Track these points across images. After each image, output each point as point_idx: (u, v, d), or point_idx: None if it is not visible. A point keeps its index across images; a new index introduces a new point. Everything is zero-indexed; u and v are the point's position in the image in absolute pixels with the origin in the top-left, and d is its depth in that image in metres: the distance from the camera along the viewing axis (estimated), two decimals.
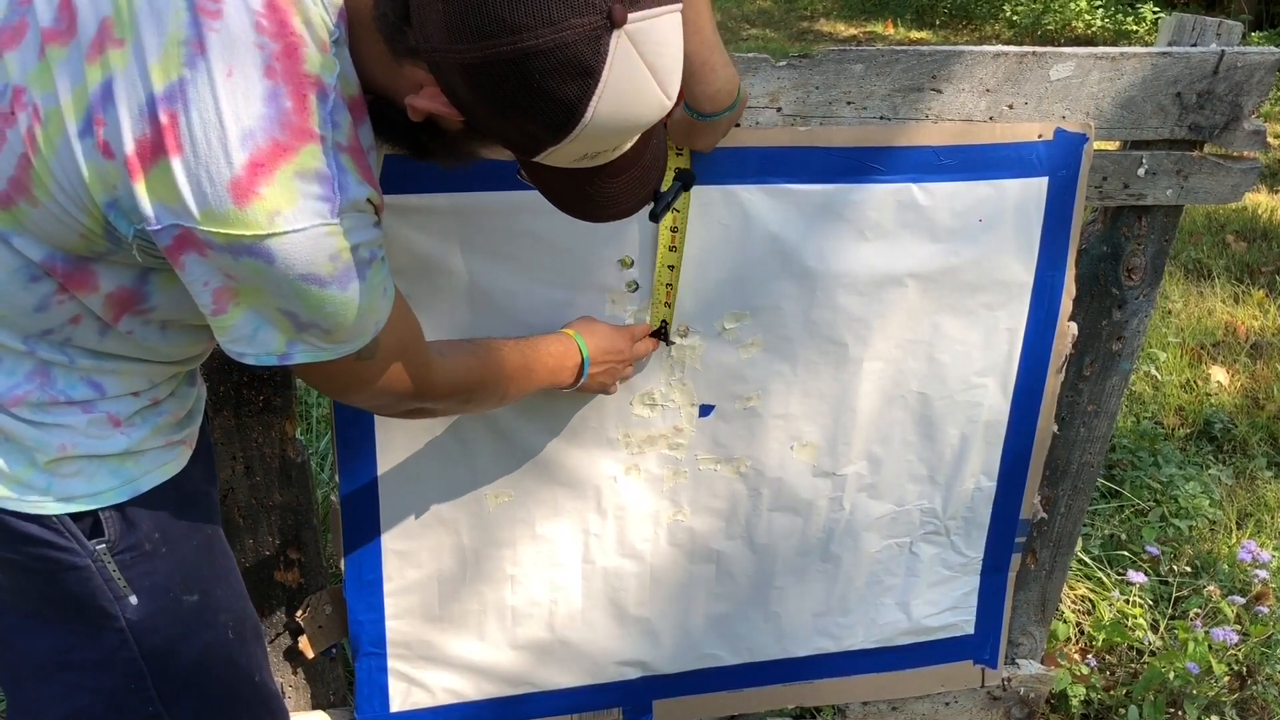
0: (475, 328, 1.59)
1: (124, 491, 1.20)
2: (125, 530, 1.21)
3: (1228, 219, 5.25)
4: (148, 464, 1.23)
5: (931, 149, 1.63)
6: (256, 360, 1.08)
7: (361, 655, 1.78)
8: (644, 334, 1.62)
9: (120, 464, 1.20)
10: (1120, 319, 1.87)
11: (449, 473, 1.68)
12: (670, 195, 1.30)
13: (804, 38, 9.91)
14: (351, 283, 1.05)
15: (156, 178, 0.97)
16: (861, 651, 2.00)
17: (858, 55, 1.57)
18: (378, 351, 1.15)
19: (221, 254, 0.99)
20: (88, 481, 1.18)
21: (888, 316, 1.72)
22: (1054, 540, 2.05)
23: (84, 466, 1.17)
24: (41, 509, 1.15)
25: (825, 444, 1.80)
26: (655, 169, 1.17)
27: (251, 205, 0.97)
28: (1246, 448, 3.40)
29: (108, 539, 1.19)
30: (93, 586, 1.20)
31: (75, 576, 1.19)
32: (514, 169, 1.18)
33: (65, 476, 1.16)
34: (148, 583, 1.23)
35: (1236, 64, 1.67)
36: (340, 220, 1.02)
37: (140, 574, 1.22)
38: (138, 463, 1.21)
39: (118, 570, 1.20)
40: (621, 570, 1.82)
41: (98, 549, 1.19)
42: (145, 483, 1.22)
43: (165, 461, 1.25)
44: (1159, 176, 1.74)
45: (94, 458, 1.18)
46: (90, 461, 1.18)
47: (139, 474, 1.22)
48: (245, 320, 1.06)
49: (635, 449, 1.74)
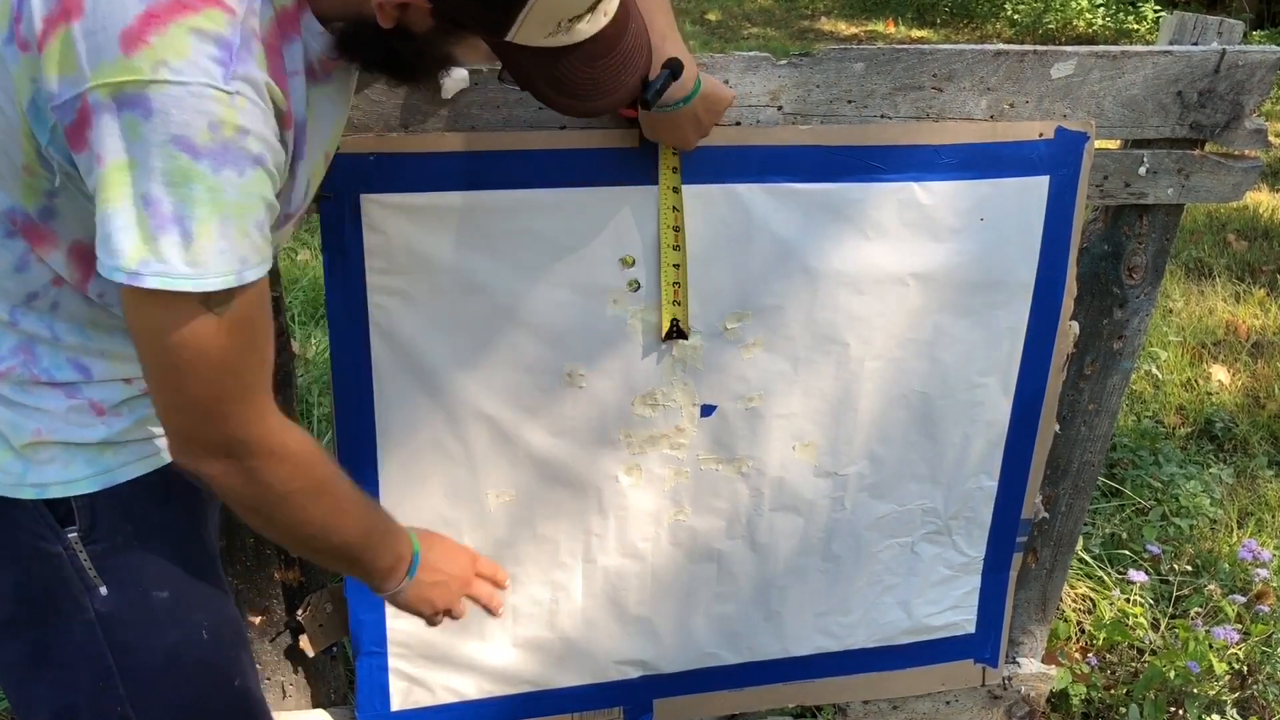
0: (478, 327, 1.59)
1: (98, 481, 1.18)
2: (97, 520, 1.18)
3: (1229, 218, 5.25)
4: (127, 455, 1.20)
5: (933, 148, 1.63)
6: (108, 274, 0.96)
7: (362, 654, 1.78)
8: (490, 570, 1.44)
9: (98, 453, 1.18)
10: (1121, 318, 1.87)
11: (450, 472, 1.68)
12: (659, 83, 1.27)
13: (805, 36, 9.91)
14: (226, 168, 0.96)
15: (58, 47, 0.93)
16: (862, 650, 2.00)
17: (859, 54, 1.57)
18: (228, 310, 1.02)
19: (104, 116, 0.93)
20: (62, 468, 1.16)
21: (889, 316, 1.72)
22: (1055, 539, 2.05)
23: (58, 454, 1.15)
24: (16, 494, 1.14)
25: (827, 444, 1.80)
26: (637, 55, 1.12)
27: (138, 52, 0.92)
28: (1247, 447, 3.40)
29: (79, 528, 1.17)
30: (64, 575, 1.18)
31: (47, 564, 1.17)
32: (515, 166, 1.18)
33: (40, 463, 1.15)
34: (118, 575, 1.21)
35: (1238, 63, 1.67)
36: (231, 90, 0.95)
37: (112, 566, 1.20)
38: (116, 453, 1.19)
39: (89, 560, 1.18)
40: (623, 570, 1.82)
41: (70, 537, 1.17)
42: (122, 474, 1.20)
43: (147, 454, 1.22)
44: (1160, 175, 1.74)
45: (70, 445, 1.16)
46: (66, 449, 1.16)
47: (116, 464, 1.19)
48: (108, 210, 0.95)
49: (637, 449, 1.74)
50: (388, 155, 1.46)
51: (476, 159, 1.49)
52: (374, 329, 1.57)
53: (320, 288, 3.59)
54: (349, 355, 1.58)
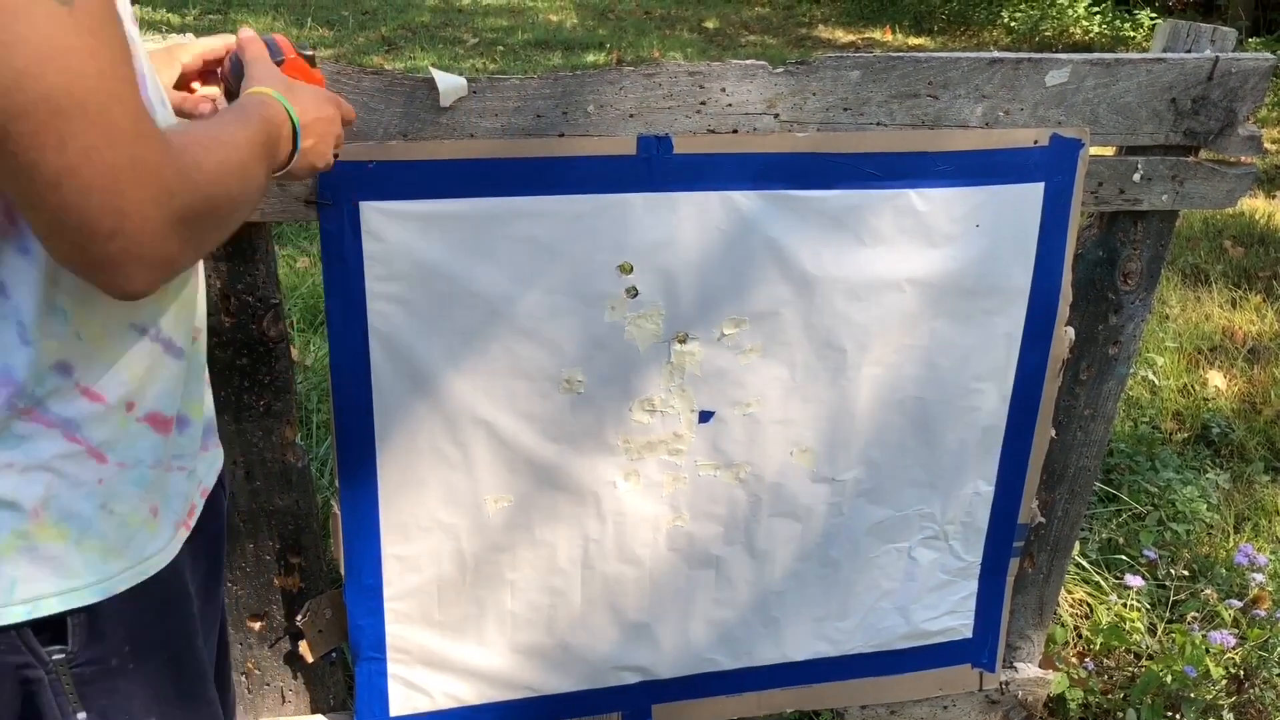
0: (476, 333, 1.59)
1: (100, 589, 0.99)
2: (91, 640, 1.00)
3: (1225, 224, 5.26)
4: (130, 556, 1.02)
5: (929, 155, 1.64)
6: None
7: (361, 659, 1.79)
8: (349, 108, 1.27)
9: (102, 557, 0.99)
10: (1116, 323, 1.88)
11: (449, 478, 1.69)
12: None
13: (802, 44, 9.93)
14: None
15: None
16: (860, 655, 2.01)
17: (855, 62, 1.58)
18: None
19: None
20: (61, 575, 0.95)
21: (886, 322, 1.73)
22: (1051, 544, 2.06)
23: (57, 550, 0.95)
24: (3, 618, 0.93)
25: (824, 449, 1.81)
26: None
27: None
28: (1244, 452, 3.40)
29: (69, 649, 0.98)
30: (40, 702, 1.00)
31: (22, 690, 0.99)
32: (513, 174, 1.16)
33: (35, 564, 0.94)
34: (103, 703, 1.03)
35: (1231, 70, 1.68)
36: None
37: (97, 692, 1.02)
38: (120, 554, 1.01)
39: (72, 686, 1.00)
40: (621, 575, 1.83)
41: (55, 659, 0.98)
42: (123, 580, 1.01)
43: (149, 554, 1.04)
44: (1154, 182, 1.75)
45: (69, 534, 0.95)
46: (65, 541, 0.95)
47: (118, 570, 1.01)
48: None
49: (635, 454, 1.74)
50: (387, 163, 1.47)
51: (475, 166, 1.50)
52: (373, 336, 1.57)
53: (319, 295, 3.60)
54: (348, 362, 1.59)
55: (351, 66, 1.44)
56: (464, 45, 8.80)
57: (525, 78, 1.49)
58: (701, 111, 1.55)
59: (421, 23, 9.70)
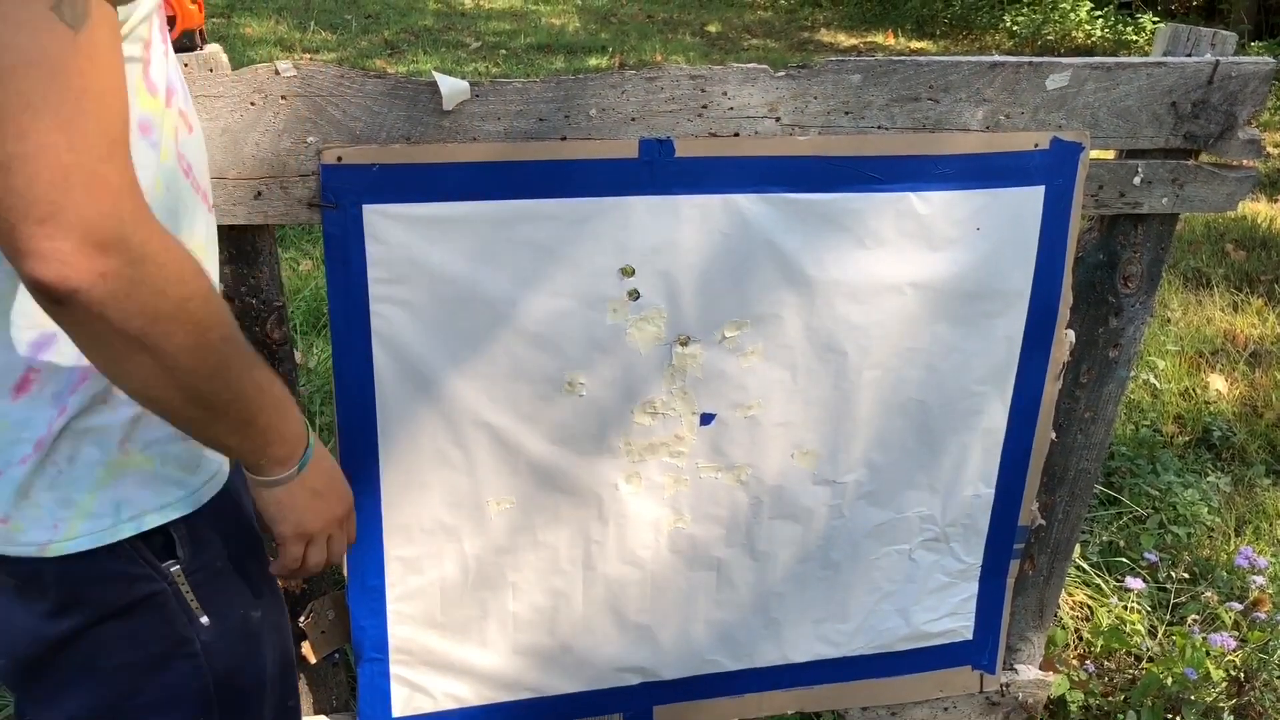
0: (479, 336, 1.60)
1: (190, 501, 1.11)
2: (196, 547, 1.11)
3: (1227, 228, 5.27)
4: (204, 473, 1.13)
5: (930, 158, 1.64)
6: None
7: (364, 660, 1.79)
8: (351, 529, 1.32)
9: (183, 472, 1.10)
10: (1117, 326, 1.88)
11: (451, 480, 1.69)
12: None
13: (805, 48, 9.95)
14: None
15: None
16: (861, 657, 2.01)
17: (855, 65, 1.59)
18: (82, 23, 0.79)
19: None
20: (154, 492, 1.08)
21: (887, 325, 1.74)
22: (1052, 546, 2.07)
23: (148, 474, 1.07)
24: (113, 537, 1.05)
25: (825, 452, 1.81)
26: None
27: None
28: (1245, 455, 3.41)
29: (181, 558, 1.10)
30: (169, 613, 1.11)
31: (150, 605, 1.10)
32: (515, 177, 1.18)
33: (131, 488, 1.06)
34: (218, 602, 1.15)
35: (1231, 74, 1.69)
36: None
37: (212, 593, 1.14)
38: (196, 469, 1.12)
39: (191, 592, 1.11)
40: (623, 577, 1.83)
41: (172, 571, 1.09)
42: (206, 492, 1.13)
43: (215, 469, 1.16)
44: (1154, 185, 1.76)
45: (155, 456, 1.07)
46: (154, 464, 1.07)
47: (199, 483, 1.13)
48: None
49: (636, 457, 1.75)
50: (390, 166, 1.48)
51: (477, 170, 1.51)
52: (376, 338, 1.58)
53: (322, 298, 3.61)
54: (351, 364, 1.59)
55: (355, 70, 1.45)
56: (467, 49, 8.81)
57: (527, 81, 1.50)
58: (703, 115, 1.56)
59: (424, 26, 9.72)
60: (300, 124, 1.44)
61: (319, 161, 1.46)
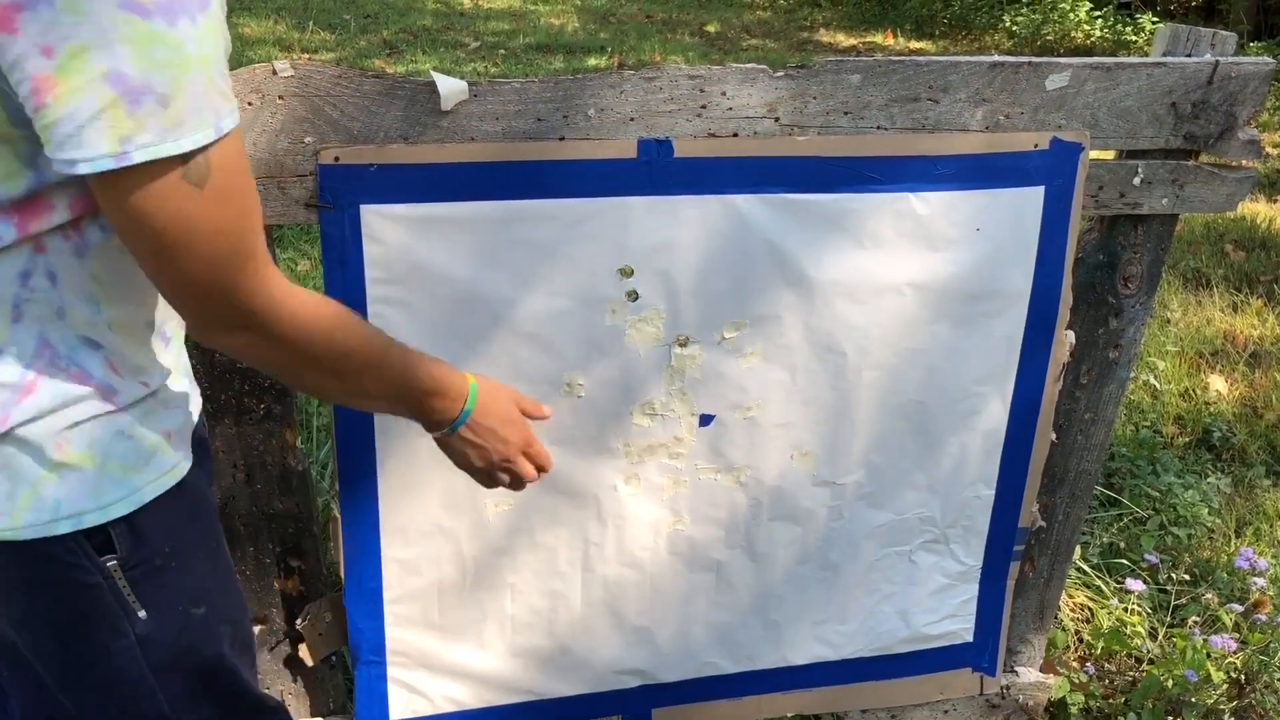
0: (477, 336, 1.60)
1: (131, 502, 1.14)
2: (136, 544, 1.15)
3: (1226, 228, 5.26)
4: (153, 470, 1.17)
5: (929, 159, 1.64)
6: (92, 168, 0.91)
7: (361, 663, 1.79)
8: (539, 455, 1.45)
9: (124, 473, 1.14)
10: (1117, 327, 1.88)
11: (449, 481, 1.69)
12: None
13: (804, 48, 9.94)
14: (181, 19, 0.90)
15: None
16: (861, 659, 2.01)
17: (855, 65, 1.58)
18: (208, 177, 0.97)
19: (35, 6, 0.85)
20: (93, 493, 1.11)
21: (886, 325, 1.73)
22: (1052, 548, 2.06)
23: (89, 475, 1.11)
24: (51, 531, 1.10)
25: (824, 453, 1.81)
26: None
27: None
28: (1245, 456, 3.40)
29: (119, 555, 1.14)
30: (103, 605, 1.15)
31: (84, 595, 1.14)
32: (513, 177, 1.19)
33: (71, 487, 1.10)
34: (158, 598, 1.19)
35: (1231, 74, 1.68)
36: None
37: (151, 589, 1.18)
38: (141, 471, 1.16)
39: (128, 586, 1.16)
40: (621, 579, 1.83)
41: (109, 566, 1.13)
42: (150, 491, 1.16)
43: (167, 467, 1.19)
44: (1154, 186, 1.75)
45: (99, 459, 1.11)
46: (97, 466, 1.11)
47: (143, 483, 1.16)
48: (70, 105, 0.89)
49: (635, 458, 1.74)
50: (388, 166, 1.47)
51: (476, 170, 1.50)
52: None
53: None
54: None
55: (352, 70, 1.44)
56: (465, 49, 8.80)
57: (526, 81, 1.50)
58: (702, 115, 1.55)
59: (423, 26, 9.71)
60: (298, 124, 1.43)
61: (316, 161, 1.46)
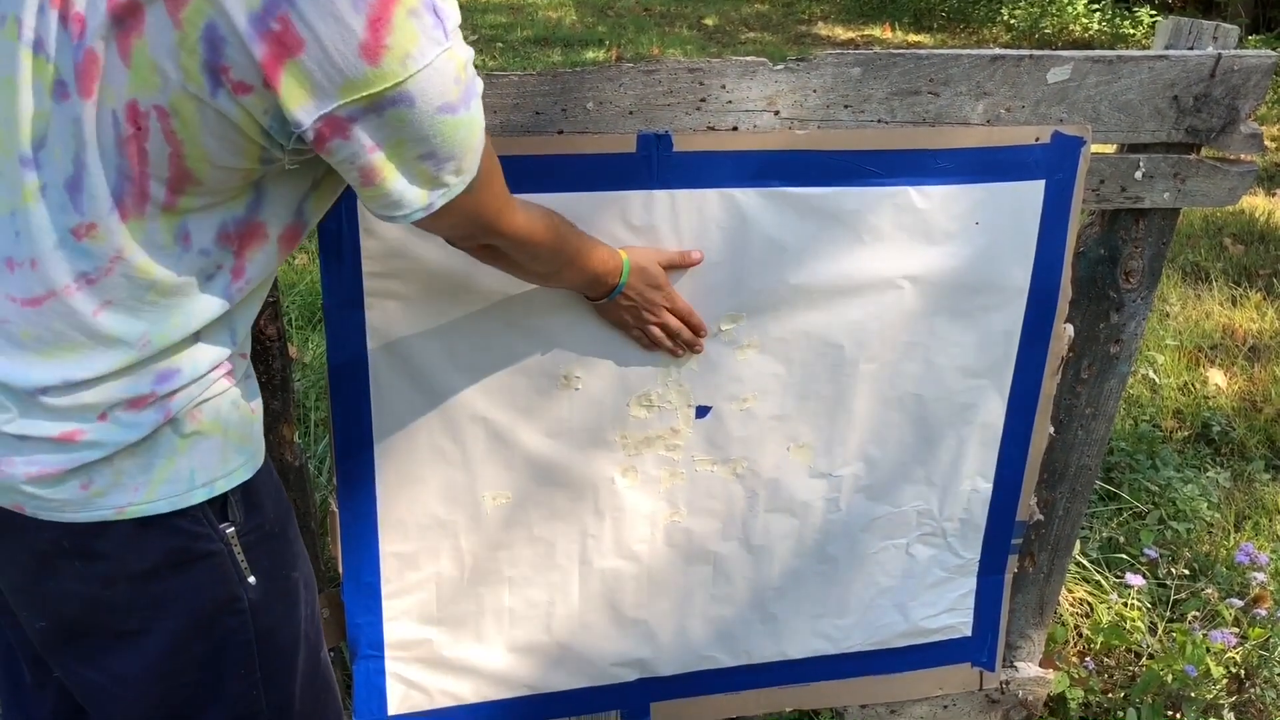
0: (473, 330, 1.59)
1: (248, 468, 1.23)
2: (249, 511, 1.22)
3: (1225, 222, 5.26)
4: (255, 441, 1.25)
5: (929, 152, 1.63)
6: (408, 219, 1.11)
7: (359, 658, 1.78)
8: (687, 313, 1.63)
9: (241, 441, 1.22)
10: (1118, 321, 1.87)
11: (447, 474, 1.68)
12: None
13: (802, 41, 9.92)
14: (474, 99, 1.08)
15: (291, 81, 0.98)
16: (859, 654, 2.00)
17: (855, 59, 1.57)
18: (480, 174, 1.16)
19: (365, 120, 1.01)
20: (221, 459, 1.19)
21: (884, 319, 1.73)
22: (1052, 543, 2.06)
23: (217, 440, 1.19)
24: (186, 501, 1.16)
25: (822, 445, 1.80)
26: None
27: (384, 59, 0.99)
28: (1244, 450, 3.40)
29: (235, 521, 1.21)
30: (223, 572, 1.21)
31: (208, 565, 1.20)
32: (510, 171, 1.20)
33: (203, 454, 1.17)
34: (264, 563, 1.25)
35: (1233, 67, 1.67)
36: (451, 40, 1.04)
37: (258, 555, 1.24)
38: (248, 439, 1.23)
39: (241, 553, 1.22)
40: (619, 572, 1.82)
41: (228, 533, 1.20)
42: (259, 459, 1.25)
43: (261, 437, 1.27)
44: (1156, 179, 1.74)
45: (221, 422, 1.19)
46: (224, 431, 1.19)
47: (254, 450, 1.24)
48: (391, 186, 1.08)
49: (632, 450, 1.74)
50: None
51: None
52: (370, 332, 1.57)
53: (317, 293, 3.59)
54: (346, 359, 1.58)
55: None
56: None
57: (524, 74, 1.49)
58: (701, 109, 1.54)
59: None
60: None
61: None
